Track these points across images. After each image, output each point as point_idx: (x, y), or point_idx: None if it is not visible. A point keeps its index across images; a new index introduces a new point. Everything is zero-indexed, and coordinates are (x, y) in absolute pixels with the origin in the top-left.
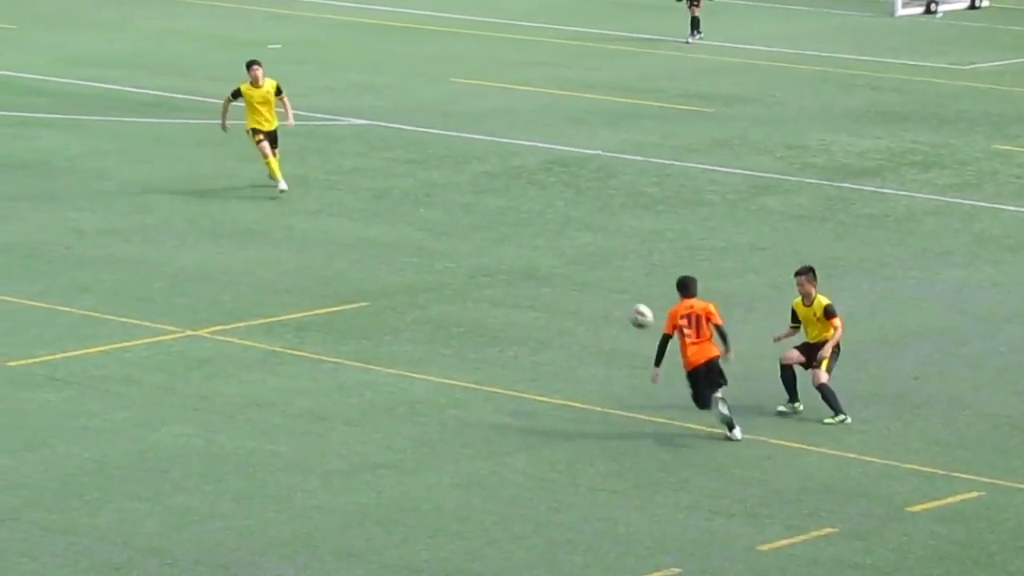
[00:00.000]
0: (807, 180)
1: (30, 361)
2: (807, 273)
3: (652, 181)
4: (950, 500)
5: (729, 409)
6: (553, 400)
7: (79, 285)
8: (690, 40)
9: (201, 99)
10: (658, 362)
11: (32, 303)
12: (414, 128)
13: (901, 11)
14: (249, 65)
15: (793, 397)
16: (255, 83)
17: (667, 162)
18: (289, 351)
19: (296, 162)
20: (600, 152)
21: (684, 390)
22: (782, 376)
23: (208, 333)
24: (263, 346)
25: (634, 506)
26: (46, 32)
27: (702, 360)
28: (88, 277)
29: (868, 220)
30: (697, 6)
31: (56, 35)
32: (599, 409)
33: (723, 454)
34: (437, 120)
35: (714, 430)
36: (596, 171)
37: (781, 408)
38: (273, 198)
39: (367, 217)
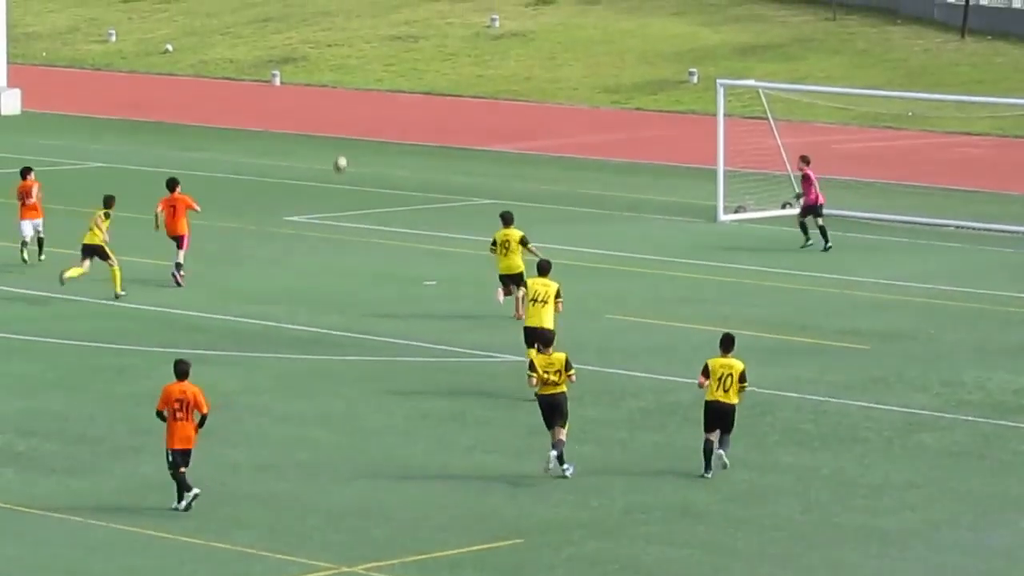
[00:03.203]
0: (963, 417)
1: None
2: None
3: (808, 418)
4: None
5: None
6: None
7: (234, 521)
8: None
9: (359, 335)
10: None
11: (187, 539)
12: None
13: None
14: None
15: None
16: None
17: (823, 399)
18: None
19: (451, 399)
20: (755, 389)
21: None
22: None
23: (363, 569)
24: None
25: None
26: (205, 268)
27: (181, 445)
28: (243, 514)
29: None
30: None
31: (215, 271)
32: None
33: None
34: (593, 356)
35: None
36: (751, 407)
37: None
38: (429, 436)
39: (522, 453)
